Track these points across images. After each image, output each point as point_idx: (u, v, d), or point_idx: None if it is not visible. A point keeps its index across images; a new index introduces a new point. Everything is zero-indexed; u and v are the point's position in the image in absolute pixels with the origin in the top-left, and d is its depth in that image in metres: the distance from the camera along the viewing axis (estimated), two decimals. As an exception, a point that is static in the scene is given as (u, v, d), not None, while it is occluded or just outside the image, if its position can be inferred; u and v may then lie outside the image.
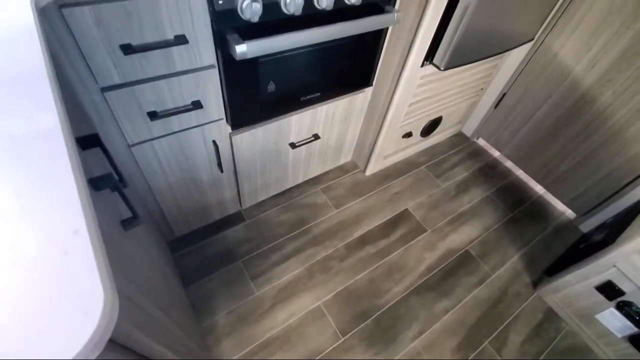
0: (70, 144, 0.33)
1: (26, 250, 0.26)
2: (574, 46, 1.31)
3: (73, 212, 0.28)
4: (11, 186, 0.29)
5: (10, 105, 0.35)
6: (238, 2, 0.70)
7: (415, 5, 0.99)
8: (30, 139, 0.33)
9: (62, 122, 0.34)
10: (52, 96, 0.36)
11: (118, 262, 0.41)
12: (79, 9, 0.58)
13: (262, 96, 0.95)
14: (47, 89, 0.37)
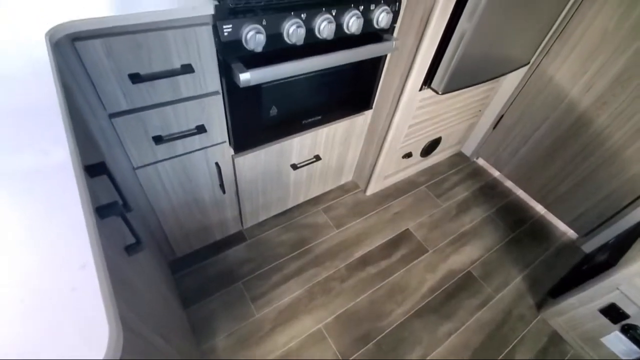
0: (80, 179, 0.34)
1: (35, 286, 0.27)
2: (569, 70, 1.35)
3: (81, 246, 0.30)
4: (24, 219, 0.31)
5: (25, 138, 0.37)
6: (243, 33, 0.73)
7: (413, 34, 1.03)
8: (42, 172, 0.34)
9: (73, 156, 0.36)
10: (65, 131, 0.38)
11: (121, 290, 0.41)
12: (91, 42, 0.61)
13: (264, 120, 0.98)
14: (60, 123, 0.39)
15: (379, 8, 0.90)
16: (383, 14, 0.90)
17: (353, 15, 0.85)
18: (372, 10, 0.90)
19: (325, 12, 0.82)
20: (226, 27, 0.71)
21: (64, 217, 0.31)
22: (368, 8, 0.89)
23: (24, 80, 0.44)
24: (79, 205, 0.32)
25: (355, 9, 0.86)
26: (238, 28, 0.73)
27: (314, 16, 0.81)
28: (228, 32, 0.72)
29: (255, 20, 0.73)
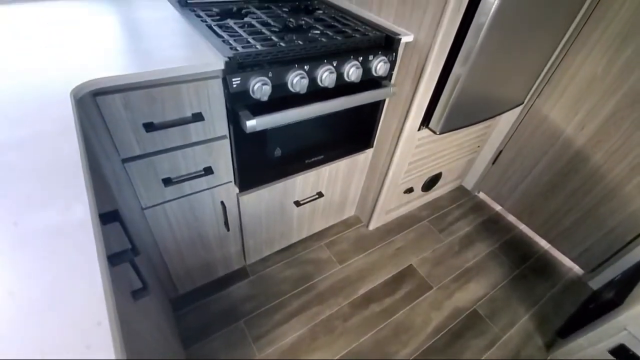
0: (98, 237, 0.37)
1: (53, 343, 0.29)
2: (562, 110, 1.40)
3: (96, 302, 0.32)
4: (46, 276, 0.33)
5: (50, 194, 0.40)
6: (250, 85, 0.79)
7: (409, 80, 1.09)
8: (64, 230, 0.37)
9: (92, 214, 0.38)
10: (86, 189, 0.41)
11: (130, 341, 0.42)
12: (111, 97, 0.66)
13: (269, 160, 1.02)
14: (81, 180, 0.42)
15: (377, 58, 0.97)
16: (381, 64, 0.97)
17: (353, 65, 0.92)
18: (371, 60, 0.97)
19: (327, 64, 0.88)
20: (235, 80, 0.76)
21: (82, 274, 0.33)
22: (367, 59, 0.96)
23: (49, 135, 0.48)
24: (96, 264, 0.34)
25: (355, 60, 0.93)
26: (246, 80, 0.78)
27: (316, 67, 0.87)
28: (237, 84, 0.77)
29: (262, 72, 0.79)
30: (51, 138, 0.48)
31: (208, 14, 0.97)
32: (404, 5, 1.01)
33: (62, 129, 0.50)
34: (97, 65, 0.65)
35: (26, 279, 0.32)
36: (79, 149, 0.47)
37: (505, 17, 0.93)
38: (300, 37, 0.90)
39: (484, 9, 0.91)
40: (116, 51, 0.71)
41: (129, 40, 0.76)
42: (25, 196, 0.40)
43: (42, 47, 0.69)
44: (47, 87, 0.58)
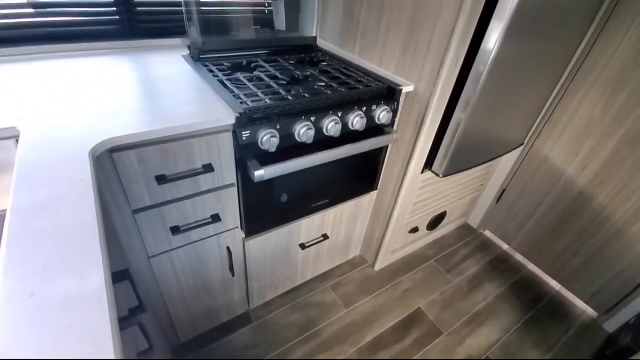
0: (112, 309, 0.37)
1: None
2: (563, 150, 1.42)
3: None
4: (60, 347, 0.33)
5: (66, 264, 0.41)
6: (259, 137, 0.82)
7: (411, 127, 1.13)
8: (79, 301, 0.37)
9: (107, 286, 0.39)
10: (102, 257, 0.42)
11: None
12: (126, 153, 0.68)
13: (275, 206, 1.03)
14: (98, 249, 0.43)
15: (380, 108, 1.01)
16: (384, 113, 1.01)
17: (357, 115, 0.95)
18: (374, 110, 1.01)
19: (333, 115, 0.92)
20: (245, 133, 0.80)
21: (95, 345, 0.33)
22: (370, 108, 1.00)
23: (68, 199, 0.50)
24: (109, 337, 0.34)
25: (359, 110, 0.96)
26: (255, 133, 0.81)
27: (322, 118, 0.91)
28: (246, 136, 0.80)
29: (271, 125, 0.83)
30: (70, 202, 0.49)
31: (220, 68, 1.03)
32: (404, 57, 1.07)
33: (80, 192, 0.51)
34: (115, 123, 0.69)
35: (40, 352, 0.32)
36: (96, 215, 0.48)
37: (503, 64, 0.97)
38: (307, 90, 0.95)
39: (482, 58, 0.95)
40: (133, 108, 0.75)
41: (145, 96, 0.81)
42: (42, 266, 0.41)
43: (62, 105, 0.73)
44: (68, 145, 0.61)
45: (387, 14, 1.07)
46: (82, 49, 1.03)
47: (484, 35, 0.92)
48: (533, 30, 0.94)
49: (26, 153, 0.58)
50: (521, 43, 0.95)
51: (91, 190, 0.52)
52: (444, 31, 0.92)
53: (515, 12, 0.84)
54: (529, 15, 0.88)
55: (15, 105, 0.72)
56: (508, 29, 0.87)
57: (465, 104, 1.06)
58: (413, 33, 1.01)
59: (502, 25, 0.87)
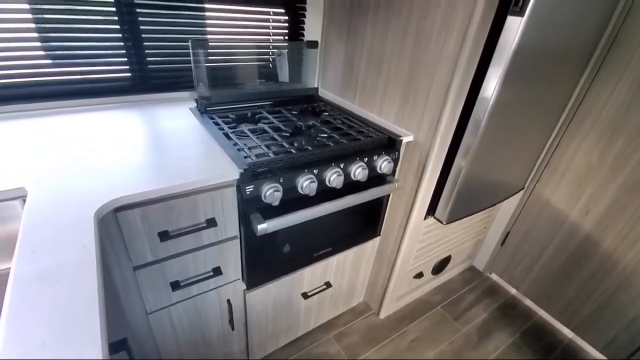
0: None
1: None
2: (563, 195, 1.43)
3: None
4: None
5: (65, 340, 0.40)
6: (262, 191, 0.83)
7: (412, 175, 1.14)
8: (75, 388, 0.36)
9: None
10: (100, 332, 0.41)
11: None
12: (131, 212, 0.69)
13: (277, 256, 1.02)
14: (97, 325, 0.42)
15: (381, 158, 1.03)
16: (385, 163, 1.02)
17: (359, 166, 0.97)
18: (375, 160, 1.02)
19: (335, 166, 0.93)
20: (248, 188, 0.80)
21: None
22: (371, 159, 1.02)
23: (70, 267, 0.49)
24: None
25: (361, 161, 0.98)
26: (259, 187, 0.82)
27: (325, 170, 0.92)
28: (250, 191, 0.81)
29: (274, 179, 0.84)
30: (72, 270, 0.49)
31: (225, 120, 1.07)
32: (402, 108, 1.11)
33: (83, 259, 0.51)
34: (121, 181, 0.70)
35: None
36: (97, 285, 0.47)
37: (502, 110, 0.99)
38: (309, 141, 0.97)
39: (481, 105, 0.97)
40: (140, 165, 0.76)
41: (152, 151, 0.83)
42: (41, 342, 0.40)
43: (71, 161, 0.75)
44: (73, 207, 0.61)
45: (386, 68, 1.12)
46: (94, 104, 1.07)
47: (482, 82, 0.95)
48: (530, 75, 0.97)
49: (32, 216, 0.58)
50: (519, 89, 0.98)
51: (94, 257, 0.51)
52: (441, 85, 0.97)
53: (513, 59, 0.87)
54: (526, 61, 0.91)
55: (25, 162, 0.74)
56: (506, 76, 0.89)
57: (466, 151, 1.08)
58: (411, 87, 1.05)
59: (500, 72, 0.89)
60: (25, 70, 0.95)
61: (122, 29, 1.01)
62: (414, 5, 0.97)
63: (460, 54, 0.89)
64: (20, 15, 0.89)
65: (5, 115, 0.95)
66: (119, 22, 1.00)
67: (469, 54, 0.88)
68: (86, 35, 0.98)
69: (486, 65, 0.92)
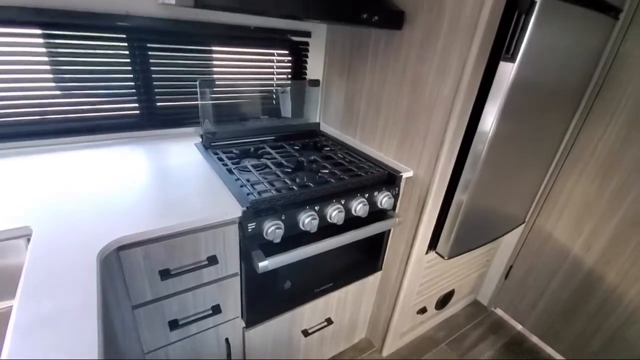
0: None
1: None
2: (564, 230, 1.43)
3: None
4: None
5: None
6: (264, 228, 0.84)
7: (413, 210, 1.15)
8: None
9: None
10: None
11: None
12: (133, 250, 0.69)
13: (278, 293, 1.00)
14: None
15: (382, 194, 1.04)
16: (386, 199, 1.04)
17: (360, 202, 0.98)
18: (376, 195, 1.04)
19: (336, 203, 0.95)
20: (250, 225, 0.81)
21: None
22: (372, 194, 1.03)
23: (71, 311, 0.49)
24: None
25: (362, 197, 1.00)
26: (260, 224, 0.83)
27: (326, 206, 0.94)
28: (252, 228, 0.82)
29: (276, 216, 0.85)
30: (73, 313, 0.49)
31: (229, 156, 1.09)
32: (402, 146, 1.14)
33: (83, 302, 0.51)
34: (125, 219, 0.71)
35: None
36: (97, 332, 0.47)
37: (501, 144, 1.01)
38: (311, 178, 0.99)
39: (480, 139, 0.99)
40: (144, 202, 0.78)
41: (157, 189, 0.84)
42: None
43: (77, 198, 0.76)
44: (77, 247, 0.62)
45: (385, 109, 1.16)
46: (101, 140, 1.10)
47: (480, 118, 0.98)
48: (525, 111, 1.00)
49: (35, 257, 0.59)
50: (515, 124, 1.00)
51: (95, 302, 0.52)
52: (438, 126, 1.00)
53: (508, 97, 0.90)
54: (521, 98, 0.95)
55: (31, 199, 0.75)
56: (502, 112, 0.92)
57: (465, 186, 1.09)
58: (409, 127, 1.09)
59: (496, 109, 0.92)
60: (35, 109, 0.98)
61: (133, 69, 1.06)
62: (410, 53, 1.02)
63: (455, 97, 0.93)
64: (34, 49, 0.93)
65: (13, 152, 0.97)
66: (130, 63, 1.05)
67: (464, 98, 0.92)
68: (99, 75, 1.03)
69: (483, 99, 0.96)
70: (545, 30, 0.86)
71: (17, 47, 0.90)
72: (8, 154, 0.95)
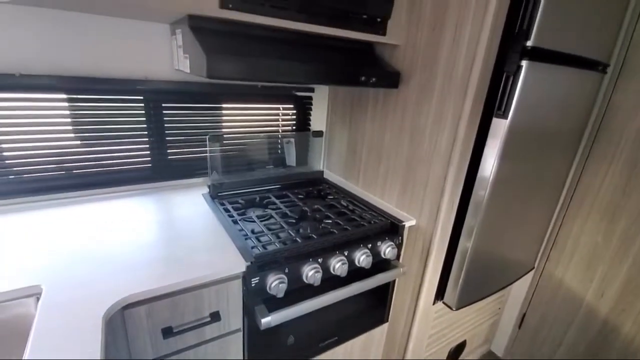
0: None
1: None
2: (575, 276, 1.39)
3: None
4: None
5: None
6: (268, 282, 0.84)
7: (417, 259, 1.14)
8: None
9: None
10: None
11: None
12: (137, 309, 0.70)
13: (281, 349, 0.98)
14: None
15: (385, 244, 1.05)
16: (389, 249, 1.04)
17: (363, 253, 0.99)
18: (379, 245, 1.04)
19: (340, 254, 0.95)
20: (254, 280, 0.82)
21: None
22: (375, 244, 1.04)
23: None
24: None
25: (365, 248, 1.00)
26: (264, 278, 0.84)
27: (329, 258, 0.94)
28: (255, 283, 0.82)
29: (279, 269, 0.85)
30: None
31: (235, 206, 1.12)
32: (403, 194, 1.16)
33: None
34: (131, 277, 0.72)
35: None
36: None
37: (502, 187, 1.02)
38: (314, 228, 1.01)
39: (481, 185, 1.01)
40: (150, 259, 0.79)
41: (163, 244, 0.86)
42: None
43: (86, 254, 0.78)
44: (84, 307, 0.63)
45: (385, 158, 1.20)
46: (111, 192, 1.15)
47: (479, 164, 1.00)
48: (525, 153, 1.02)
49: (43, 319, 0.60)
50: (516, 166, 1.02)
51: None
52: (437, 177, 1.03)
53: (505, 144, 0.93)
54: (519, 142, 0.97)
55: (41, 256, 0.77)
56: (502, 155, 0.95)
57: (469, 232, 1.09)
58: (409, 177, 1.12)
59: (495, 154, 0.94)
60: (54, 165, 1.04)
61: (148, 126, 1.14)
62: (407, 107, 1.08)
63: (453, 149, 0.97)
64: (58, 112, 1.01)
65: (21, 207, 1.01)
66: (146, 121, 1.13)
67: (461, 149, 0.96)
68: (115, 133, 1.10)
69: (482, 146, 0.98)
70: (534, 87, 0.91)
71: (43, 111, 0.98)
72: (21, 208, 1.00)
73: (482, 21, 0.84)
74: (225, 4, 0.76)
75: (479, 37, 0.86)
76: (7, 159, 0.98)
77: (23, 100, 0.95)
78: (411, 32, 1.02)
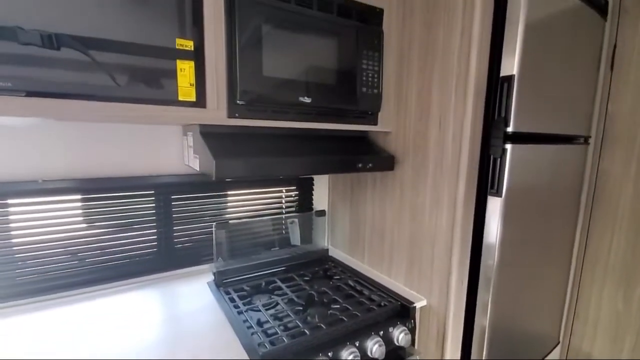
0: None
1: None
2: (604, 347, 1.30)
3: None
4: None
5: None
6: (276, 385, 0.79)
7: (433, 342, 1.09)
8: None
9: None
10: None
11: None
12: None
13: None
14: None
15: (397, 329, 1.01)
16: (402, 335, 0.99)
17: (376, 343, 0.94)
18: (392, 332, 1.00)
19: (350, 346, 0.91)
20: (262, 382, 0.77)
21: None
22: (387, 330, 0.99)
23: None
24: None
25: (377, 336, 0.96)
26: (273, 380, 0.79)
27: (340, 350, 0.90)
28: (264, 386, 0.78)
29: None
30: None
31: (240, 294, 1.10)
32: (411, 273, 1.15)
33: None
34: None
35: None
36: None
37: (510, 253, 1.01)
38: (322, 315, 0.98)
39: (488, 254, 1.01)
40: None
41: (165, 346, 0.83)
42: None
43: None
44: None
45: (389, 236, 1.22)
46: (119, 285, 1.14)
47: (483, 232, 1.01)
48: (526, 220, 1.03)
49: None
50: (520, 233, 1.03)
51: None
52: (442, 254, 1.03)
53: (504, 220, 0.95)
54: (518, 210, 0.99)
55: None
56: (504, 224, 0.96)
57: (484, 308, 1.06)
58: (414, 254, 1.12)
59: (497, 225, 0.96)
60: (64, 263, 1.06)
61: (157, 218, 1.18)
62: (404, 187, 1.13)
63: (454, 227, 0.99)
64: (74, 211, 1.06)
65: (29, 307, 1.00)
66: (155, 213, 1.18)
67: (462, 224, 0.98)
68: (126, 227, 1.14)
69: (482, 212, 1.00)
70: (521, 165, 0.97)
71: (60, 212, 1.03)
72: (28, 309, 0.99)
73: (463, 112, 0.94)
74: (232, 113, 0.86)
75: (462, 125, 0.94)
76: (28, 259, 1.00)
77: (44, 204, 1.01)
78: (400, 121, 1.12)
